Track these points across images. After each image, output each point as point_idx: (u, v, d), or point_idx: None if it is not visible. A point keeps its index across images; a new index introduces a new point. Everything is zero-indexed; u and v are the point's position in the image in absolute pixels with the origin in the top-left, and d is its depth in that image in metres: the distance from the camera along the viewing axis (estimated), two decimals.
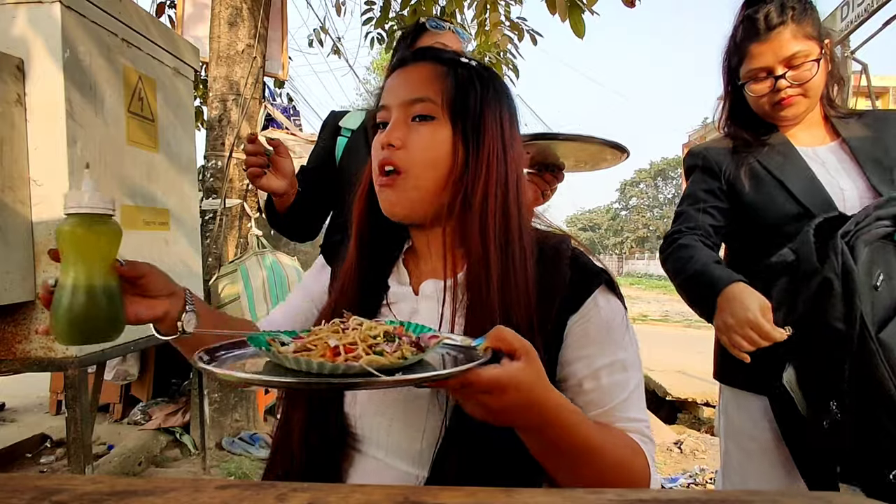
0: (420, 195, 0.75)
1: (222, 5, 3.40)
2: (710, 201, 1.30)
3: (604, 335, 0.72)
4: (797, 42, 1.18)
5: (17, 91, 1.71)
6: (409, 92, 0.77)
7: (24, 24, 1.73)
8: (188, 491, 0.45)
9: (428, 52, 0.82)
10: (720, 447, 1.38)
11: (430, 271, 0.81)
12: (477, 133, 0.76)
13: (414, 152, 0.75)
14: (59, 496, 0.43)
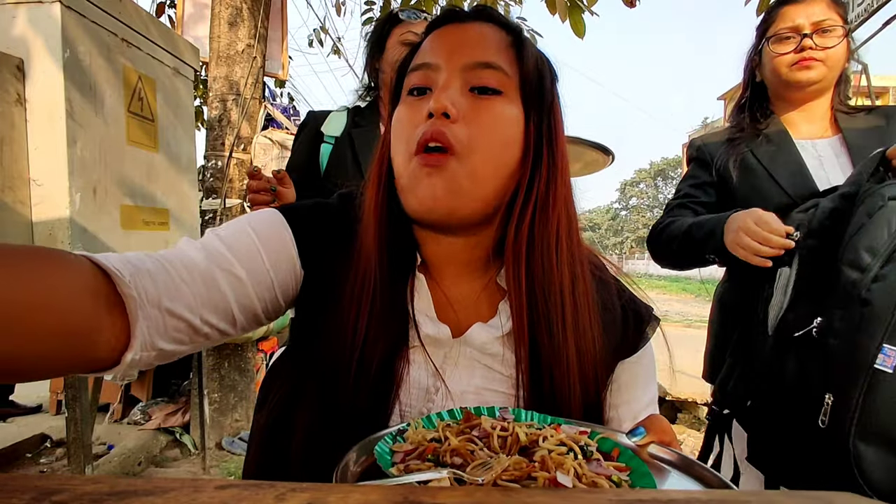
0: (474, 187, 0.56)
1: (222, 5, 3.40)
2: (696, 197, 1.33)
3: (648, 376, 0.68)
4: (830, 11, 1.21)
5: (17, 91, 1.71)
6: (471, 53, 0.58)
7: (24, 24, 1.73)
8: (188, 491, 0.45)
9: (491, 13, 0.63)
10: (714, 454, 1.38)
11: (457, 304, 0.62)
12: (551, 122, 0.60)
13: (475, 131, 0.56)
14: (59, 496, 0.43)
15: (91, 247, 1.86)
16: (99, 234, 1.90)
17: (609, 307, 0.64)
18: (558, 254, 0.58)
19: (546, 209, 0.58)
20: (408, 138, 0.58)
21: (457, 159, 0.55)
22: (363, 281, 0.58)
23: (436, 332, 0.59)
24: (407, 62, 0.64)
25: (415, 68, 0.60)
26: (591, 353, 0.59)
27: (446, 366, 0.59)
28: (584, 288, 0.60)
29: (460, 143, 0.55)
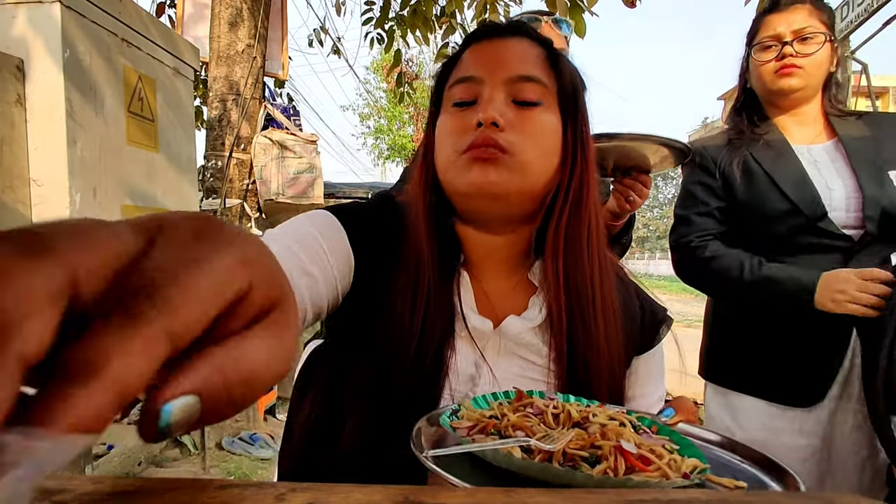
0: (524, 179, 0.61)
1: (222, 5, 3.40)
2: (711, 203, 1.33)
3: (659, 372, 0.73)
4: (811, 18, 1.23)
5: (17, 91, 1.71)
6: (513, 67, 0.63)
7: (24, 24, 1.73)
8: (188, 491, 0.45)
9: (528, 29, 0.68)
10: None
11: (497, 298, 0.67)
12: (583, 129, 0.66)
13: (523, 136, 0.61)
14: (59, 496, 0.43)
15: None
16: None
17: (628, 304, 0.69)
18: (589, 249, 0.64)
19: (579, 208, 0.64)
20: (455, 143, 0.62)
21: (510, 156, 0.60)
22: (416, 276, 0.63)
23: (480, 324, 0.64)
24: (445, 73, 0.69)
25: (459, 81, 0.65)
26: (616, 344, 0.64)
27: (486, 355, 0.64)
28: (609, 283, 0.66)
29: (512, 146, 0.60)
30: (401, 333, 0.61)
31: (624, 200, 1.29)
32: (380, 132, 22.13)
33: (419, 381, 0.60)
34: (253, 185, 3.44)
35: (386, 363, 0.60)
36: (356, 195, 5.45)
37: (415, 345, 0.60)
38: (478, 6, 3.86)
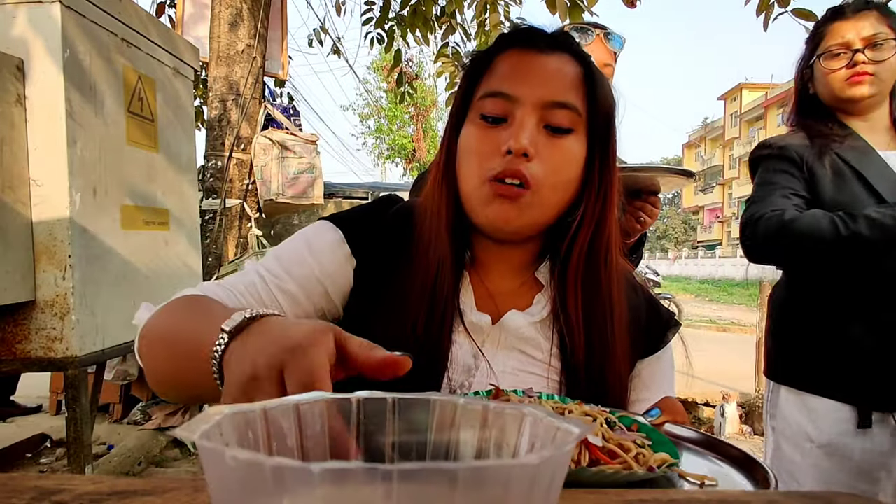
0: (541, 213, 0.64)
1: (222, 5, 3.40)
2: (795, 188, 1.26)
3: (664, 377, 0.74)
4: (880, 25, 1.22)
5: (17, 91, 1.71)
6: (549, 91, 0.63)
7: (24, 24, 1.73)
8: (188, 491, 0.45)
9: (567, 42, 0.67)
10: (768, 445, 1.40)
11: (499, 296, 0.69)
12: (609, 152, 0.67)
13: (548, 168, 0.63)
14: (59, 496, 0.43)
15: (91, 247, 1.86)
16: (99, 235, 1.90)
17: (635, 309, 0.71)
18: (607, 264, 0.66)
19: (600, 232, 0.66)
20: (481, 164, 0.63)
21: (531, 193, 0.62)
22: (424, 276, 0.65)
23: (478, 319, 0.67)
24: (476, 71, 0.67)
25: (492, 94, 0.64)
26: (623, 350, 0.66)
27: (486, 349, 0.67)
28: (621, 292, 0.68)
29: (535, 179, 0.62)
30: (404, 328, 0.64)
31: (635, 221, 1.30)
32: (380, 132, 22.13)
33: (421, 371, 0.62)
34: (253, 185, 3.44)
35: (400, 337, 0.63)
36: (356, 195, 5.45)
37: (418, 339, 0.63)
38: (478, 6, 3.86)
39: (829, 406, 1.24)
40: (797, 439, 1.29)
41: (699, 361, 1.44)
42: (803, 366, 1.29)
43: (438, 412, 0.33)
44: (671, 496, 0.52)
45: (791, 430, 1.31)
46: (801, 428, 1.28)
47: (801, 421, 1.28)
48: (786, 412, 1.33)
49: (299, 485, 0.20)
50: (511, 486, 0.22)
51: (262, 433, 0.30)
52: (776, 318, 1.40)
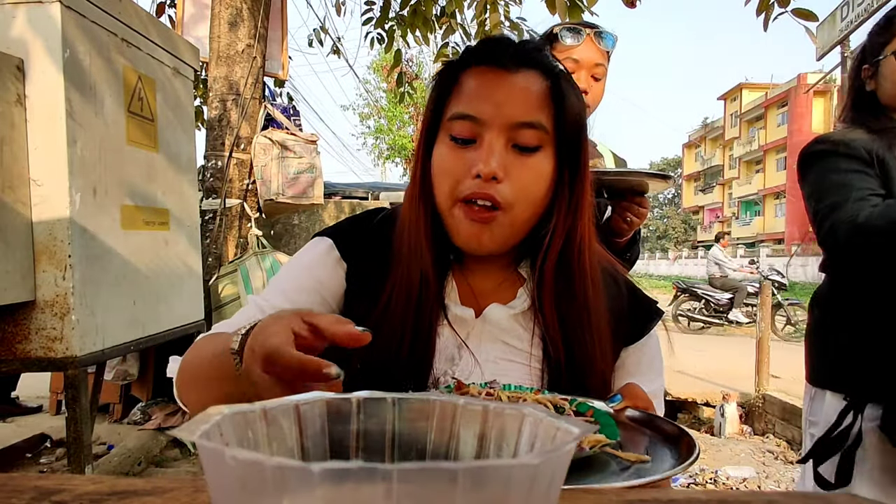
0: (513, 232, 0.67)
1: (222, 5, 3.40)
2: (873, 187, 1.20)
3: (651, 366, 0.75)
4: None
5: (17, 91, 1.71)
6: (517, 112, 0.64)
7: (24, 24, 1.73)
8: (188, 491, 0.45)
9: (534, 56, 0.68)
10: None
11: (486, 292, 0.73)
12: (580, 162, 0.69)
13: (517, 188, 0.65)
14: (59, 496, 0.43)
15: (91, 247, 1.86)
16: (99, 234, 1.90)
17: (616, 298, 0.73)
18: (580, 266, 0.69)
19: (572, 234, 0.69)
20: (452, 186, 0.66)
21: (503, 213, 0.65)
22: (408, 279, 0.69)
23: (461, 313, 0.71)
24: (443, 87, 0.69)
25: (460, 116, 0.66)
26: (601, 339, 0.69)
27: (470, 340, 0.70)
28: (596, 287, 0.70)
29: (506, 201, 0.65)
30: (393, 326, 0.68)
31: (622, 222, 1.31)
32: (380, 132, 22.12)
33: (408, 362, 0.67)
34: (253, 185, 3.44)
35: (382, 350, 0.67)
36: (356, 195, 5.45)
37: (405, 335, 0.68)
38: (478, 6, 3.86)
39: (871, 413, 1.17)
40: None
41: (700, 361, 1.43)
42: (853, 371, 1.22)
43: (438, 412, 0.33)
44: (671, 496, 0.52)
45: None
46: None
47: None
48: (831, 419, 1.25)
49: (299, 485, 0.20)
50: (511, 485, 0.22)
51: (262, 433, 0.30)
52: (821, 320, 1.33)
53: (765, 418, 4.36)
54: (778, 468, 3.50)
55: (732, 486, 3.15)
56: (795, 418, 3.97)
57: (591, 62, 1.35)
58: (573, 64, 1.34)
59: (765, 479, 3.28)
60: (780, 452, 3.82)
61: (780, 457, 3.74)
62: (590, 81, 1.35)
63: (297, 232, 4.89)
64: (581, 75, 1.34)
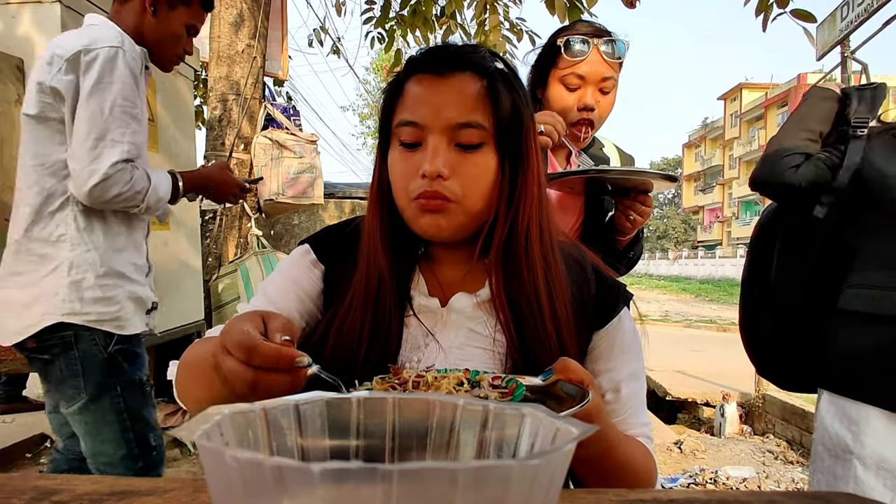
0: (469, 219, 0.72)
1: (223, 5, 3.40)
2: None
3: (625, 349, 0.76)
4: None
5: (17, 91, 1.71)
6: (454, 114, 0.69)
7: (24, 24, 1.74)
8: (188, 491, 0.45)
9: (468, 58, 0.72)
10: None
11: (452, 283, 0.78)
12: (523, 156, 0.72)
13: (465, 183, 0.70)
14: (59, 496, 0.43)
15: None
16: None
17: (581, 284, 0.76)
18: (528, 251, 0.72)
19: (517, 220, 0.72)
20: (405, 187, 0.71)
21: (454, 205, 0.70)
22: (367, 277, 0.74)
23: (427, 303, 0.76)
24: (391, 99, 0.75)
25: (404, 123, 0.71)
26: (564, 319, 0.72)
27: (437, 329, 0.75)
28: (556, 270, 0.73)
29: (455, 195, 0.70)
30: (354, 318, 0.73)
31: (625, 220, 1.28)
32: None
33: (370, 353, 0.72)
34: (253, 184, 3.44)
35: (345, 342, 0.73)
36: (356, 195, 5.45)
37: (364, 328, 0.73)
38: (477, 7, 3.86)
39: (873, 415, 1.15)
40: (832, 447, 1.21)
41: (700, 361, 1.43)
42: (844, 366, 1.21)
43: (438, 412, 0.33)
44: (671, 496, 0.53)
45: (833, 444, 1.21)
46: (843, 442, 1.19)
47: (841, 432, 1.19)
48: (826, 422, 1.25)
49: (299, 485, 0.20)
50: (511, 486, 0.22)
51: (262, 433, 0.30)
52: None
53: (765, 418, 4.36)
54: (778, 468, 3.50)
55: (732, 486, 3.15)
56: (795, 418, 3.97)
57: (597, 77, 1.26)
58: (578, 80, 1.26)
59: (765, 479, 3.28)
60: (780, 452, 3.82)
61: (780, 457, 3.74)
62: (597, 96, 1.28)
63: (297, 232, 4.88)
64: (588, 92, 1.27)
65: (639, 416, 0.76)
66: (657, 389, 5.04)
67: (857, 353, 1.19)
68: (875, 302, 1.16)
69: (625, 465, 0.67)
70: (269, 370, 0.50)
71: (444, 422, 0.33)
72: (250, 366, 0.50)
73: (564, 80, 1.29)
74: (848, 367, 1.20)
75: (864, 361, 1.17)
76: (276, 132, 3.50)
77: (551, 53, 1.31)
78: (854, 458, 1.16)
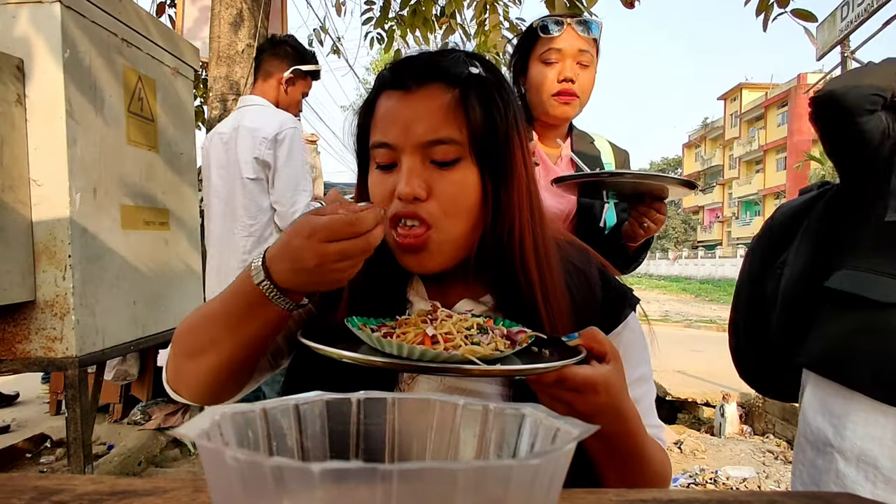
0: (453, 247, 0.68)
1: (223, 6, 3.40)
2: None
3: (632, 353, 0.74)
4: None
5: (17, 91, 1.71)
6: (424, 131, 0.65)
7: (24, 24, 1.73)
8: (188, 491, 0.45)
9: (437, 68, 0.68)
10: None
11: (451, 287, 0.75)
12: (506, 166, 0.68)
13: (443, 202, 0.66)
14: (59, 496, 0.43)
15: (91, 247, 1.86)
16: (99, 234, 1.90)
17: (584, 291, 0.74)
18: (523, 255, 0.69)
19: (508, 232, 0.69)
20: (387, 210, 0.67)
21: (434, 231, 0.66)
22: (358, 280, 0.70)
23: (427, 307, 0.72)
24: (365, 117, 0.72)
25: (377, 145, 0.68)
26: (563, 326, 0.69)
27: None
28: (552, 278, 0.70)
29: (433, 217, 0.65)
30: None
31: (638, 226, 1.28)
32: None
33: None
34: None
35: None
36: None
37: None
38: (477, 6, 3.86)
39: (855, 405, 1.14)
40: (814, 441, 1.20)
41: (700, 361, 1.42)
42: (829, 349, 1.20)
43: (438, 412, 0.33)
44: (671, 496, 0.53)
45: (815, 438, 1.21)
46: (824, 436, 1.18)
47: (822, 425, 1.19)
48: (808, 415, 1.24)
49: (299, 485, 0.20)
50: (511, 486, 0.22)
51: (262, 433, 0.30)
52: None
53: (765, 418, 4.36)
54: (778, 468, 3.50)
55: (732, 486, 3.15)
56: (795, 418, 3.97)
57: (574, 49, 1.34)
58: (556, 54, 1.35)
59: (765, 479, 3.28)
60: (780, 452, 3.82)
61: (780, 457, 3.74)
62: (576, 70, 1.35)
63: None
64: (566, 64, 1.34)
65: (649, 418, 0.73)
66: (657, 389, 5.05)
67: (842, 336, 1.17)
68: (863, 285, 1.14)
69: (642, 453, 0.64)
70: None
71: (444, 422, 0.33)
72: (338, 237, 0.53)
73: (543, 58, 1.36)
74: (833, 349, 1.18)
75: (850, 345, 1.15)
76: None
77: (529, 40, 1.40)
78: (835, 451, 1.16)
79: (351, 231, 0.54)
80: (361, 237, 0.55)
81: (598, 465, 0.65)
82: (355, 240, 0.55)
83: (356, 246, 0.55)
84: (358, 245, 0.55)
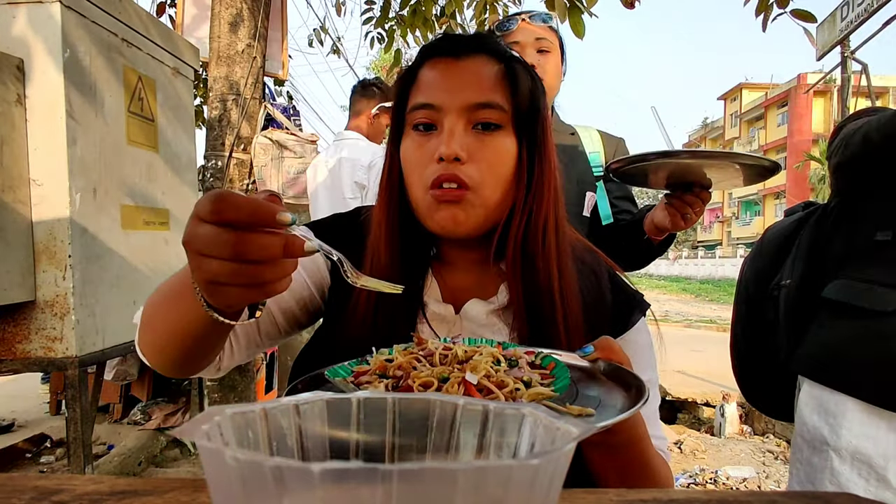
0: (486, 212, 0.67)
1: (222, 5, 3.40)
2: None
3: (639, 358, 0.72)
4: None
5: (17, 91, 1.71)
6: (471, 94, 0.66)
7: (24, 24, 1.73)
8: (188, 491, 0.45)
9: (483, 42, 0.70)
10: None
11: (465, 288, 0.73)
12: (542, 143, 0.69)
13: (483, 167, 0.66)
14: (59, 496, 0.43)
15: (91, 247, 1.86)
16: (99, 234, 1.90)
17: (595, 292, 0.73)
18: (545, 252, 0.69)
19: (534, 217, 0.69)
20: (421, 175, 0.67)
21: (472, 192, 0.66)
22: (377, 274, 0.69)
23: (442, 310, 0.72)
24: (404, 86, 0.71)
25: (419, 106, 0.68)
26: (575, 328, 0.68)
27: (449, 336, 0.70)
28: (568, 275, 0.70)
29: (472, 180, 0.66)
30: (362, 326, 0.69)
31: (679, 217, 1.20)
32: None
33: None
34: (253, 185, 3.44)
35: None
36: None
37: (369, 335, 0.67)
38: (477, 6, 3.86)
39: (851, 407, 1.15)
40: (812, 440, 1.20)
41: (700, 361, 1.42)
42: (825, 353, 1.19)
43: (438, 412, 0.33)
44: (671, 496, 0.52)
45: (811, 436, 1.21)
46: (820, 435, 1.19)
47: (819, 424, 1.19)
48: (805, 414, 1.24)
49: (299, 485, 0.20)
50: (511, 486, 0.22)
51: (262, 433, 0.30)
52: None
53: (765, 418, 4.36)
54: (778, 468, 3.50)
55: (732, 486, 3.15)
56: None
57: (531, 38, 1.39)
58: (516, 47, 1.37)
59: (765, 479, 3.28)
60: (780, 452, 3.82)
61: (780, 457, 3.74)
62: (537, 57, 1.38)
63: None
64: (527, 52, 1.37)
65: (653, 427, 0.71)
66: None
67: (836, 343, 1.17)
68: (857, 294, 1.14)
69: (646, 463, 0.63)
70: (250, 230, 0.42)
71: (444, 422, 0.33)
72: (229, 227, 0.42)
73: None
74: (827, 356, 1.19)
75: (844, 351, 1.16)
76: (277, 132, 3.50)
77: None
78: (830, 449, 1.17)
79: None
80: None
81: (600, 478, 0.63)
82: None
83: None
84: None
